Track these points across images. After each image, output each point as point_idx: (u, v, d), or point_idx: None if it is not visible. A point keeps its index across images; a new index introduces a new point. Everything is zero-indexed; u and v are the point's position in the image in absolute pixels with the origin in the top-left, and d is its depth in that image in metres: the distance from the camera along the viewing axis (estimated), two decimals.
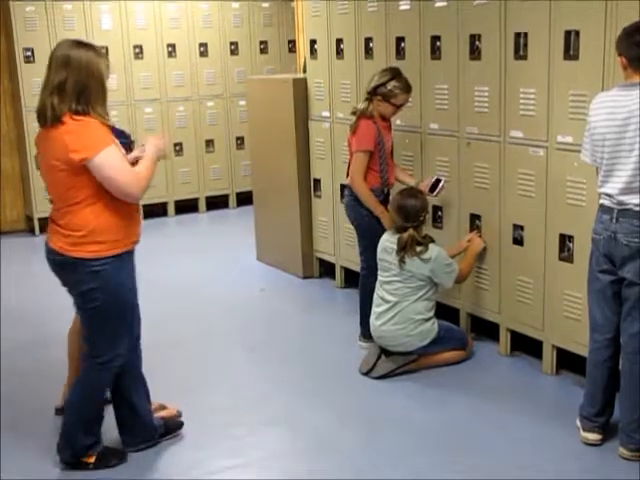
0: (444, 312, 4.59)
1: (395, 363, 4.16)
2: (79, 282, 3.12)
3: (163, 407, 3.82)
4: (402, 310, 4.14)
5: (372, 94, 4.36)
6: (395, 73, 4.36)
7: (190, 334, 4.91)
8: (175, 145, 8.05)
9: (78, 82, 2.99)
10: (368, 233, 4.44)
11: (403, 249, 4.12)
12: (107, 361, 3.23)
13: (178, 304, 5.49)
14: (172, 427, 3.63)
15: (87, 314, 3.19)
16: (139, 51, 7.75)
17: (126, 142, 3.63)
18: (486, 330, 4.50)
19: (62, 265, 3.14)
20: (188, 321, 5.15)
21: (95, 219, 3.05)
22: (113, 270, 3.11)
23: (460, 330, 4.45)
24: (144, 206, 7.88)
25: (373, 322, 4.25)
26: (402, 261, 4.12)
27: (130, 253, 3.20)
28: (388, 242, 4.22)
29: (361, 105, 4.40)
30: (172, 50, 7.93)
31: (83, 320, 3.23)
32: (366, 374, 4.17)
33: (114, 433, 3.51)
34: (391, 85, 4.31)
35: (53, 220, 3.16)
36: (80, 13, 7.44)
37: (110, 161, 2.97)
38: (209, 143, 8.25)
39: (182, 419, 3.69)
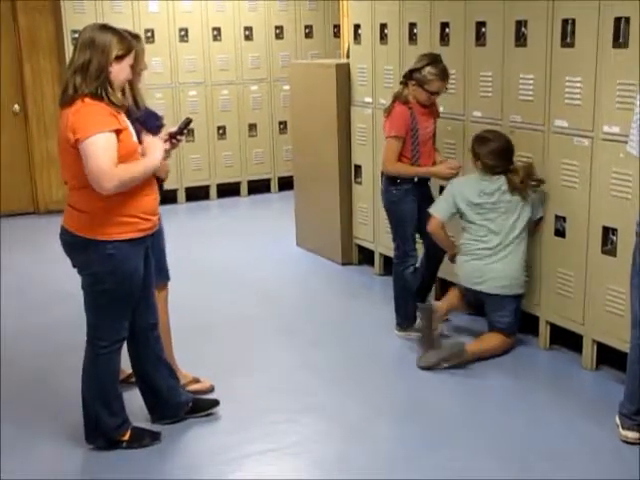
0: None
1: (444, 352, 4.09)
2: (89, 263, 3.12)
3: (197, 380, 3.86)
4: (514, 251, 4.15)
5: (407, 78, 4.29)
6: (432, 59, 4.26)
7: (227, 318, 4.92)
8: (218, 129, 8.08)
9: (101, 64, 3.01)
10: (400, 219, 4.40)
11: (518, 188, 4.10)
12: (109, 345, 3.23)
13: (216, 288, 5.51)
14: (205, 405, 3.65)
15: (93, 297, 3.18)
16: (184, 34, 7.77)
17: (157, 125, 3.63)
18: (525, 323, 4.42)
19: (72, 245, 3.14)
20: (225, 305, 5.17)
21: (101, 200, 3.03)
22: (125, 254, 3.10)
23: None
24: (187, 189, 8.01)
25: (476, 264, 4.20)
26: (524, 198, 4.12)
27: (144, 239, 3.18)
28: (483, 185, 4.16)
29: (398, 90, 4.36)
30: (217, 34, 7.93)
31: (88, 302, 3.21)
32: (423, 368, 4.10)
33: (146, 412, 3.56)
34: (426, 71, 4.21)
35: (67, 200, 3.18)
36: None
37: (94, 147, 2.94)
38: (252, 127, 8.25)
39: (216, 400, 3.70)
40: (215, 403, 3.66)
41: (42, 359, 4.35)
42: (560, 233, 4.09)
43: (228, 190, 8.26)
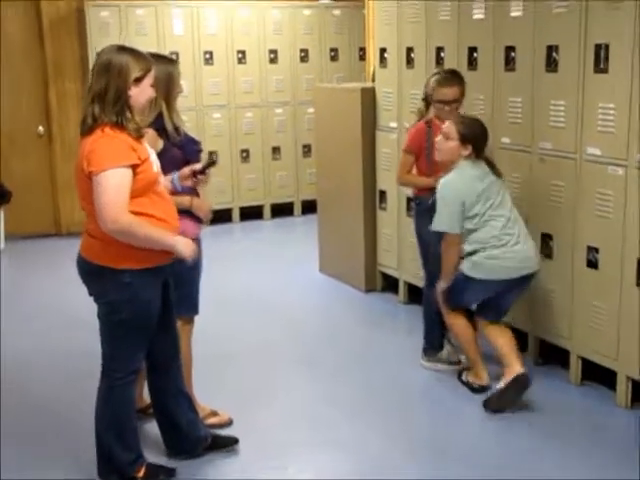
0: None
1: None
2: (104, 292, 3.03)
3: (215, 413, 3.75)
4: (520, 220, 3.97)
5: (425, 98, 4.30)
6: (440, 70, 4.29)
7: (246, 346, 4.82)
8: (242, 152, 8.03)
9: (119, 89, 2.91)
10: (427, 245, 4.29)
11: (492, 165, 3.99)
12: (124, 376, 3.12)
13: (237, 313, 5.42)
14: (224, 442, 3.53)
15: (108, 326, 3.08)
16: (209, 57, 7.75)
17: (196, 149, 3.56)
18: (556, 356, 4.28)
19: (88, 273, 3.06)
20: (245, 332, 5.07)
21: None
22: (141, 284, 3.00)
23: None
24: (212, 212, 7.91)
25: (515, 249, 3.86)
26: (498, 175, 3.98)
27: (162, 268, 3.07)
28: (475, 171, 3.89)
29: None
30: (242, 56, 7.89)
31: (103, 332, 3.11)
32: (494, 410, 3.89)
33: (162, 447, 3.45)
34: (430, 81, 4.20)
35: (85, 227, 3.09)
36: (152, 18, 7.48)
37: (105, 183, 2.84)
38: (276, 150, 8.19)
39: (234, 435, 3.59)
40: (234, 441, 3.55)
41: (56, 386, 4.26)
42: (592, 264, 3.94)
43: (251, 213, 8.19)
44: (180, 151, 3.43)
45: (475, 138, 3.87)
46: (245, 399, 4.08)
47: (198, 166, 3.29)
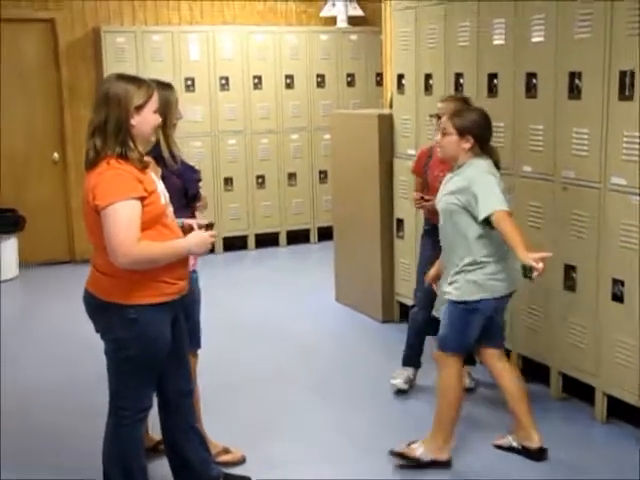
0: (532, 369, 4.25)
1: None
2: (110, 328, 2.92)
3: (227, 451, 3.64)
4: None
5: None
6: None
7: (259, 376, 4.70)
8: (257, 178, 7.96)
9: (119, 119, 2.82)
10: (424, 266, 4.24)
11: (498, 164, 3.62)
12: (132, 414, 3.00)
13: (251, 342, 5.31)
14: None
15: (116, 363, 2.97)
16: (225, 82, 7.70)
17: (195, 178, 3.48)
18: (581, 393, 4.13)
19: (94, 308, 2.96)
20: (258, 362, 4.95)
21: None
22: (148, 319, 2.89)
23: None
24: (225, 239, 7.86)
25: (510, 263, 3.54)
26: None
27: (170, 304, 2.96)
28: (493, 169, 3.54)
29: None
30: (258, 82, 7.85)
31: (110, 369, 3.00)
32: None
33: None
34: None
35: (92, 261, 3.00)
36: (169, 43, 7.46)
37: (113, 217, 2.75)
38: (291, 176, 8.11)
39: (247, 473, 3.47)
40: None
41: (65, 417, 4.17)
42: (618, 298, 3.80)
43: (267, 240, 8.10)
44: (179, 179, 3.35)
45: (474, 129, 3.49)
46: (258, 431, 3.96)
47: (203, 222, 3.15)
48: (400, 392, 4.38)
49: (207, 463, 3.31)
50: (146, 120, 2.88)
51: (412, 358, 4.45)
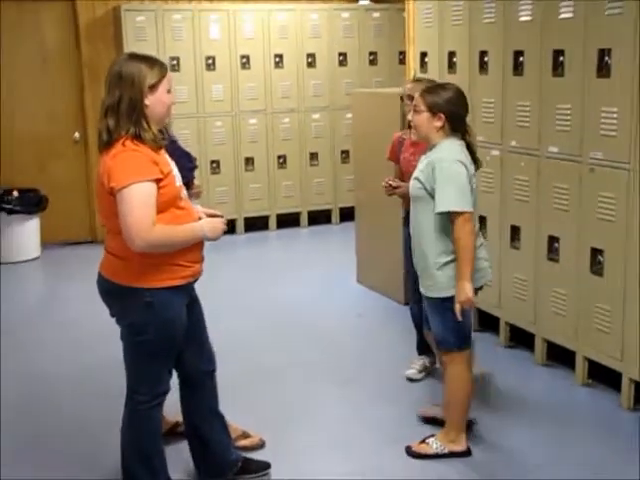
0: (560, 355, 4.18)
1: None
2: (125, 312, 2.88)
3: (246, 435, 3.61)
4: None
5: None
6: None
7: (279, 363, 4.64)
8: (278, 158, 7.89)
9: (132, 99, 2.75)
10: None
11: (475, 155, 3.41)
12: (149, 399, 2.96)
13: (270, 327, 5.25)
14: (256, 467, 3.36)
15: (131, 347, 2.93)
16: (246, 61, 7.62)
17: (190, 167, 3.42)
18: (604, 377, 4.05)
19: (108, 293, 2.91)
20: (278, 348, 4.90)
21: None
22: (164, 303, 2.84)
23: None
24: (246, 219, 7.81)
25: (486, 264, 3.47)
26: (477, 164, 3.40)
27: (186, 286, 2.92)
28: (465, 152, 3.36)
29: None
30: (279, 60, 7.75)
31: (126, 353, 2.96)
32: None
33: (191, 467, 3.32)
34: None
35: (105, 244, 2.95)
36: (189, 22, 7.37)
37: (129, 199, 2.69)
38: (313, 156, 8.03)
39: (266, 458, 3.43)
40: (267, 466, 3.38)
41: (85, 402, 4.15)
42: None
43: (288, 220, 8.04)
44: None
45: (446, 106, 3.29)
46: (276, 421, 3.91)
47: (217, 213, 3.06)
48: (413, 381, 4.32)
49: (227, 446, 3.28)
50: (160, 100, 2.82)
51: (423, 347, 4.36)
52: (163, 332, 2.88)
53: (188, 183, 3.48)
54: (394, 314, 5.40)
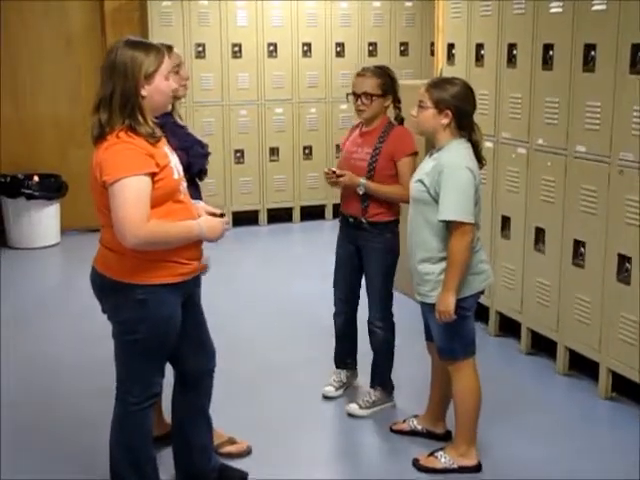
0: (584, 365, 3.99)
1: None
2: (117, 309, 2.75)
3: (232, 441, 3.46)
4: None
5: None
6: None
7: (285, 362, 4.47)
8: (304, 148, 7.73)
9: (125, 91, 2.61)
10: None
11: (479, 150, 3.23)
12: (140, 401, 2.83)
13: (279, 326, 5.08)
14: (232, 476, 3.21)
15: (122, 346, 2.80)
16: (273, 49, 7.46)
17: (202, 153, 3.27)
18: (628, 389, 3.85)
19: (101, 288, 2.79)
20: (285, 347, 4.73)
21: None
22: (158, 301, 2.70)
23: None
24: (269, 210, 7.67)
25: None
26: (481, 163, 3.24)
27: (182, 284, 2.77)
28: (472, 154, 3.20)
29: None
30: (307, 49, 7.58)
31: (117, 353, 2.83)
32: None
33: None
34: None
35: (100, 238, 2.82)
36: (215, 9, 7.22)
37: (121, 193, 2.56)
38: (339, 148, 7.83)
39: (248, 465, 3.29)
40: (243, 476, 3.23)
41: (89, 397, 4.02)
42: None
43: (312, 213, 7.88)
44: (183, 153, 3.09)
45: (454, 102, 3.11)
46: (273, 425, 3.75)
47: (216, 211, 2.92)
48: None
49: (207, 451, 3.14)
50: (158, 89, 2.68)
51: (339, 361, 4.08)
52: (156, 331, 2.75)
53: (201, 171, 3.35)
54: (412, 313, 5.19)
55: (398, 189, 3.66)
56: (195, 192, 3.21)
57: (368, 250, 3.77)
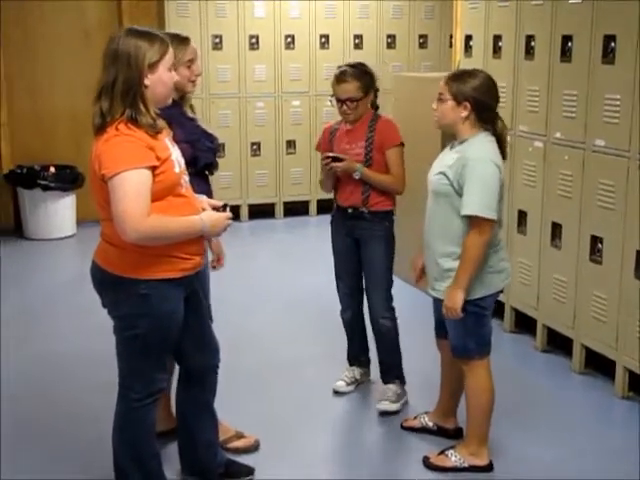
0: (600, 363, 3.90)
1: None
2: (117, 304, 2.71)
3: (240, 436, 3.42)
4: None
5: None
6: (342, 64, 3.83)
7: (296, 357, 4.42)
8: None
9: (128, 80, 2.56)
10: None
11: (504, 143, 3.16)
12: (143, 397, 2.79)
13: (290, 320, 5.04)
14: (239, 472, 3.17)
15: (124, 342, 2.75)
16: (290, 41, 7.41)
17: (211, 147, 3.22)
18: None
19: (101, 282, 2.75)
20: (296, 341, 4.68)
21: None
22: (160, 296, 2.66)
23: None
24: (285, 203, 7.62)
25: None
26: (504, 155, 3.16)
27: (184, 279, 2.73)
28: (497, 149, 3.14)
29: None
30: (325, 41, 7.52)
31: (118, 349, 2.79)
32: None
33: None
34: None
35: (101, 231, 2.78)
36: (233, 0, 7.19)
37: (121, 187, 2.51)
38: None
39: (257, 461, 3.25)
40: (249, 472, 3.19)
41: (93, 393, 3.96)
42: None
43: (329, 206, 7.79)
44: (188, 146, 3.04)
45: (472, 94, 3.04)
46: (282, 420, 3.70)
47: (220, 203, 2.87)
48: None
49: (212, 447, 3.11)
50: (161, 80, 2.64)
51: (353, 358, 4.06)
52: (158, 326, 2.71)
53: (211, 164, 3.30)
54: (425, 307, 5.13)
55: (390, 178, 3.72)
56: (205, 186, 3.17)
57: (369, 239, 3.76)
